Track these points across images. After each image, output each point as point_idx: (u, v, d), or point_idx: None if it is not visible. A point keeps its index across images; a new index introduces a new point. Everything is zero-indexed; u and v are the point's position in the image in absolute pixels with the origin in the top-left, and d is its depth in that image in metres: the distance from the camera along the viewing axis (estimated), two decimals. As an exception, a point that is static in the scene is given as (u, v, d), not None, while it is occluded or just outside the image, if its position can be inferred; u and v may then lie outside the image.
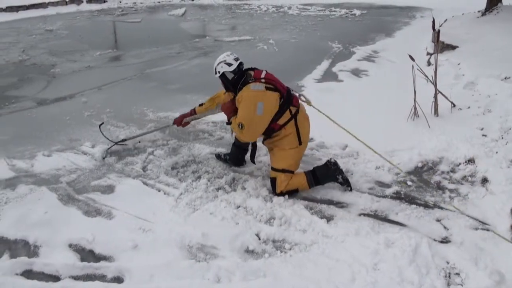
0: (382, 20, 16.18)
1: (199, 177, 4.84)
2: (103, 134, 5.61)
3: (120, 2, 21.97)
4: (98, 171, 5.04)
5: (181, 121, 5.29)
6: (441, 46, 8.96)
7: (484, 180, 4.55)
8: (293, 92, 4.60)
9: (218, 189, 4.59)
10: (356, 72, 9.01)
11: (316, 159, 5.15)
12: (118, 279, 3.42)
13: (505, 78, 6.76)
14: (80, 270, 3.48)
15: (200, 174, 4.90)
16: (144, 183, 4.76)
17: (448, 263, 3.43)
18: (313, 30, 14.22)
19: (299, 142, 4.45)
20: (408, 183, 4.62)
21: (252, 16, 17.72)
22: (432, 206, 4.21)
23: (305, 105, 4.75)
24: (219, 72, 4.46)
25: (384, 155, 5.05)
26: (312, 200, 4.39)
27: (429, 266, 3.35)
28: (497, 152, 4.86)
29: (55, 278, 3.43)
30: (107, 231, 3.92)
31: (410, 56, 5.87)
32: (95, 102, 7.29)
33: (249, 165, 5.06)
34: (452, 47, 9.39)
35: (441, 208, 4.17)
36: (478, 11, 12.64)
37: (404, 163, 4.92)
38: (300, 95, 4.70)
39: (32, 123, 6.49)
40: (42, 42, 12.56)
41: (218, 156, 5.19)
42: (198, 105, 5.30)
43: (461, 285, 3.23)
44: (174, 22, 16.55)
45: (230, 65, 4.41)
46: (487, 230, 3.79)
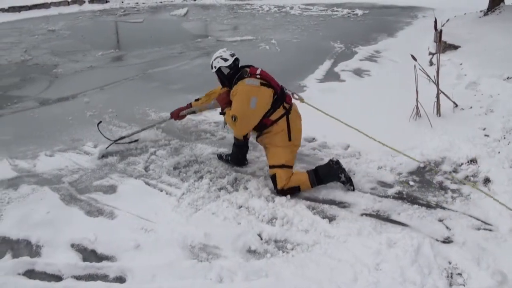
0: (384, 20, 16.17)
1: (201, 177, 4.84)
2: (101, 133, 5.61)
3: (122, 2, 22.00)
4: (100, 171, 5.05)
5: (178, 114, 5.37)
6: (443, 46, 8.94)
7: (487, 180, 4.54)
8: (287, 91, 4.67)
9: (220, 189, 4.59)
10: (358, 72, 9.00)
11: (318, 159, 5.15)
12: (120, 279, 3.42)
13: (507, 78, 6.75)
14: (82, 270, 3.49)
15: (202, 174, 4.91)
16: (146, 183, 4.76)
17: (450, 263, 3.42)
18: (315, 30, 14.22)
19: (289, 138, 4.50)
20: (410, 183, 4.62)
21: (254, 16, 17.73)
22: (434, 206, 4.21)
23: (299, 104, 4.81)
24: (215, 67, 4.60)
25: (386, 155, 5.07)
26: (314, 200, 4.39)
27: (431, 266, 3.34)
28: (500, 152, 4.85)
29: (57, 278, 3.43)
30: (109, 231, 3.93)
31: (412, 56, 5.87)
32: (97, 102, 7.30)
33: (251, 165, 5.06)
34: (454, 47, 9.39)
35: (443, 208, 4.16)
36: (480, 11, 12.63)
37: (407, 163, 4.91)
38: (293, 93, 4.77)
39: (35, 123, 6.50)
40: (44, 42, 12.58)
41: (220, 157, 5.20)
42: (194, 100, 5.37)
43: (463, 285, 3.22)
44: (176, 22, 16.57)
45: (226, 61, 4.54)
46: (490, 230, 3.79)
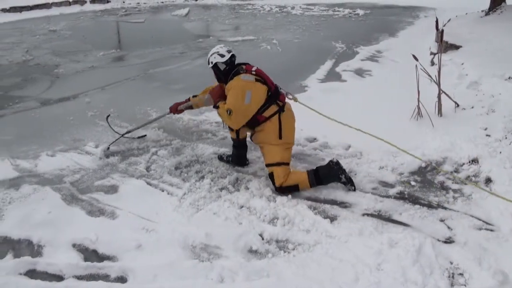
0: (386, 20, 16.16)
1: (203, 177, 4.84)
2: (110, 126, 5.59)
3: (124, 3, 22.01)
4: (102, 171, 5.05)
5: (176, 108, 5.38)
6: (445, 46, 8.94)
7: (488, 180, 4.53)
8: (281, 90, 4.71)
9: (222, 189, 4.59)
10: (360, 72, 9.00)
11: (320, 159, 5.15)
12: (122, 279, 3.43)
13: (509, 78, 6.74)
14: (84, 270, 3.49)
15: (204, 174, 4.91)
16: (148, 183, 4.76)
17: (452, 263, 3.42)
18: (317, 30, 14.22)
19: (279, 136, 4.51)
20: (412, 183, 4.62)
21: (256, 16, 17.73)
22: (436, 206, 4.20)
23: (294, 104, 4.84)
24: (212, 63, 4.70)
25: (388, 155, 5.06)
26: (316, 200, 4.39)
27: (433, 266, 3.34)
28: (501, 152, 4.85)
29: (59, 278, 3.44)
30: (111, 231, 3.93)
31: (414, 56, 5.86)
32: (99, 102, 7.31)
33: (252, 165, 5.06)
34: (456, 47, 9.36)
35: (445, 208, 4.16)
36: (482, 11, 12.61)
37: (408, 163, 4.91)
38: (288, 93, 4.80)
39: (36, 123, 6.51)
40: (46, 43, 12.58)
41: (221, 158, 5.20)
42: (192, 96, 5.36)
43: (465, 285, 3.22)
44: (178, 22, 16.57)
45: (223, 56, 4.63)
46: (491, 231, 3.79)
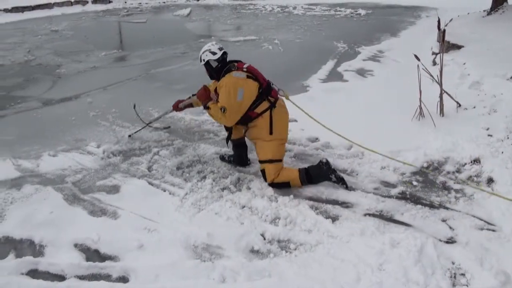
0: (387, 20, 16.15)
1: (204, 177, 4.84)
2: (137, 114, 5.51)
3: (125, 3, 22.04)
4: (104, 171, 5.05)
5: (177, 106, 5.39)
6: (447, 46, 8.92)
7: (490, 180, 4.53)
8: (273, 86, 4.74)
9: (223, 189, 4.59)
10: (361, 72, 8.99)
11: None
12: (123, 279, 3.43)
13: (511, 78, 6.73)
14: (85, 270, 3.49)
15: (205, 174, 4.91)
16: (150, 183, 4.76)
17: (454, 264, 3.42)
18: (318, 30, 14.21)
19: (270, 132, 4.54)
20: (414, 183, 4.61)
21: (257, 16, 17.73)
22: (438, 206, 4.20)
23: (290, 104, 4.88)
24: (204, 60, 4.69)
25: (390, 155, 5.05)
26: (317, 200, 4.39)
27: (435, 267, 3.34)
28: (503, 152, 4.84)
29: (61, 278, 3.44)
30: (113, 231, 3.93)
31: (416, 56, 5.85)
32: (101, 102, 7.31)
33: (254, 165, 5.06)
34: (458, 47, 9.36)
35: (447, 208, 4.16)
36: (484, 11, 12.60)
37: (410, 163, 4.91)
38: (279, 89, 4.80)
39: (38, 123, 6.51)
40: (48, 43, 12.60)
41: (222, 158, 5.21)
42: (192, 95, 5.40)
43: (467, 286, 3.22)
44: (179, 23, 16.58)
45: (215, 54, 4.63)
46: (493, 231, 3.78)
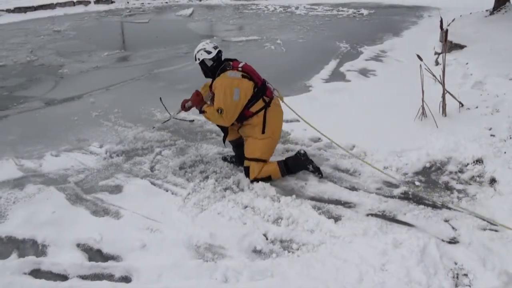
0: (390, 20, 16.13)
1: (207, 177, 4.84)
2: (164, 106, 5.45)
3: (128, 3, 22.04)
4: (106, 171, 5.06)
5: (184, 105, 5.36)
6: (449, 46, 8.90)
7: (493, 181, 4.52)
8: (269, 85, 4.76)
9: (226, 189, 4.59)
10: (364, 72, 8.98)
11: (324, 160, 5.15)
12: (126, 279, 3.44)
13: (514, 78, 6.73)
14: (88, 270, 3.50)
15: (208, 174, 4.91)
16: (152, 183, 4.77)
17: (456, 264, 3.41)
18: (321, 30, 14.20)
19: (262, 131, 4.60)
20: (416, 183, 4.61)
21: (260, 16, 17.72)
22: (440, 207, 4.19)
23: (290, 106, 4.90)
24: (199, 59, 4.70)
25: (392, 155, 5.06)
26: (320, 200, 4.39)
27: (437, 267, 3.34)
28: (505, 152, 4.83)
29: (63, 278, 3.45)
30: (115, 231, 3.94)
31: (418, 56, 5.85)
32: (103, 103, 7.33)
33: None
34: (460, 47, 9.35)
35: (449, 209, 4.15)
36: (486, 10, 12.57)
37: (413, 163, 4.90)
38: (274, 89, 4.82)
39: (40, 123, 6.53)
40: (50, 43, 12.61)
41: (225, 159, 5.22)
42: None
43: (469, 286, 3.21)
44: (182, 23, 16.57)
45: (210, 53, 4.64)
46: (495, 231, 3.78)
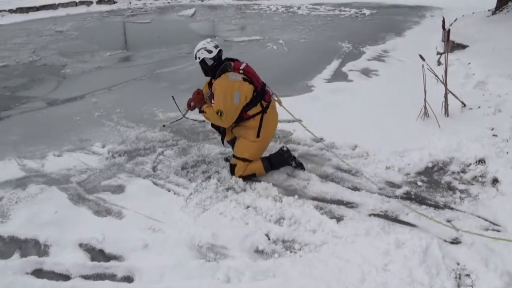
0: (392, 20, 16.11)
1: (209, 177, 4.84)
2: (176, 105, 5.43)
3: (130, 3, 22.04)
4: (108, 171, 5.07)
5: (189, 104, 5.35)
6: (451, 46, 8.90)
7: (495, 181, 4.51)
8: (267, 88, 4.77)
9: (228, 189, 4.59)
10: (366, 72, 8.97)
11: (326, 160, 5.14)
12: (128, 279, 3.44)
13: (516, 78, 6.71)
14: (90, 270, 3.50)
15: (210, 174, 4.91)
16: (154, 183, 4.77)
17: (459, 264, 3.41)
18: (323, 30, 14.19)
19: (257, 135, 4.64)
20: (418, 184, 4.60)
21: (262, 16, 17.71)
22: (443, 207, 4.19)
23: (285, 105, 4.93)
24: (199, 58, 4.68)
25: (394, 156, 5.06)
26: (322, 200, 4.39)
27: (440, 267, 3.33)
28: (508, 152, 4.83)
29: (65, 277, 3.46)
30: (117, 231, 3.94)
31: (420, 56, 5.84)
32: (105, 103, 7.33)
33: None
34: (463, 47, 9.33)
35: (452, 209, 4.15)
36: (488, 10, 12.54)
37: (415, 163, 4.90)
38: (273, 93, 4.83)
39: (43, 124, 6.54)
40: (52, 43, 12.62)
41: (227, 159, 5.21)
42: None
43: (472, 286, 3.21)
44: (184, 23, 16.57)
45: (210, 52, 4.63)
46: (498, 231, 3.77)
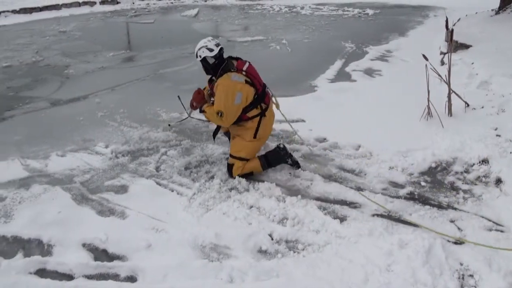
0: (395, 20, 16.08)
1: (212, 177, 4.84)
2: (182, 104, 5.43)
3: (133, 4, 22.07)
4: (112, 171, 5.07)
5: (193, 104, 5.34)
6: (455, 45, 8.88)
7: (498, 181, 4.50)
8: (267, 90, 4.78)
9: (231, 189, 4.59)
10: (369, 72, 8.96)
11: (329, 160, 5.14)
12: (131, 279, 3.44)
13: (520, 78, 6.70)
14: (94, 269, 3.51)
15: (213, 174, 4.91)
16: (158, 183, 4.78)
17: (462, 265, 3.40)
18: (326, 30, 14.18)
19: (254, 136, 4.67)
20: (422, 184, 4.59)
21: (265, 16, 17.71)
22: (446, 207, 4.18)
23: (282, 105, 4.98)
24: (200, 57, 4.66)
25: (398, 156, 5.05)
26: (325, 201, 4.38)
27: (443, 268, 3.33)
28: (511, 153, 4.81)
29: (69, 277, 3.46)
30: (121, 231, 3.95)
31: (424, 56, 5.83)
32: (109, 103, 7.34)
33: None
34: (466, 46, 9.32)
35: (455, 209, 4.14)
36: (492, 10, 12.54)
37: (418, 163, 4.89)
38: (272, 96, 4.84)
39: (46, 124, 6.55)
40: (56, 43, 12.64)
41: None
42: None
43: (475, 287, 3.20)
44: (187, 23, 16.58)
45: (212, 51, 4.59)
46: (501, 232, 3.76)
